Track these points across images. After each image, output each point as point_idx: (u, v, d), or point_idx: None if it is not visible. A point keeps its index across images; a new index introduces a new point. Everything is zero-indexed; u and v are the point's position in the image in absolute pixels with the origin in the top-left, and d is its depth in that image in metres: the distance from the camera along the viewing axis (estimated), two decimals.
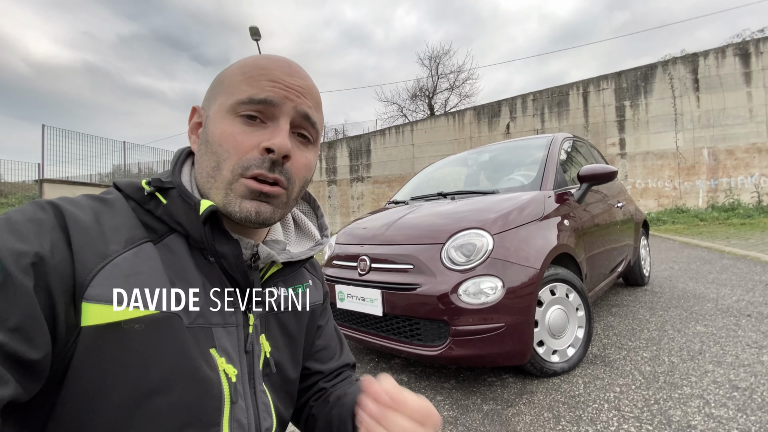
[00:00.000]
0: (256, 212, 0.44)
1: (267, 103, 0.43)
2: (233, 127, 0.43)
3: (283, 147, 0.42)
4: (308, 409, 0.60)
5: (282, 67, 0.45)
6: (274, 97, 0.43)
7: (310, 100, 0.47)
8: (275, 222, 0.47)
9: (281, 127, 0.44)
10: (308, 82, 0.47)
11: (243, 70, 0.45)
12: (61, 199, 0.39)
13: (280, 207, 0.46)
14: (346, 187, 13.62)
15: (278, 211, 0.46)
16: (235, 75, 0.45)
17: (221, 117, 0.44)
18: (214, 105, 0.45)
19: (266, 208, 0.44)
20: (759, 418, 1.25)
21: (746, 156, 9.37)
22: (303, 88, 0.46)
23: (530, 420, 1.34)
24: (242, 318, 0.47)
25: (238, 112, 0.43)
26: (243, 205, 0.43)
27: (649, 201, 10.11)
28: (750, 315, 2.29)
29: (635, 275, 3.20)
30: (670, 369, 1.66)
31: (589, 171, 2.15)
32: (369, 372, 1.88)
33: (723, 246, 5.03)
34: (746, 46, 9.40)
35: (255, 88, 0.43)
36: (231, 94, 0.44)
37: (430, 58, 19.71)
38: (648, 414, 1.32)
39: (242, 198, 0.43)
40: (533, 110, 11.25)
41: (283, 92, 0.44)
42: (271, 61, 0.46)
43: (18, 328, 0.30)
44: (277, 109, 0.44)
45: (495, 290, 1.47)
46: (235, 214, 0.43)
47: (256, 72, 0.44)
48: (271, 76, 0.44)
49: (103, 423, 0.35)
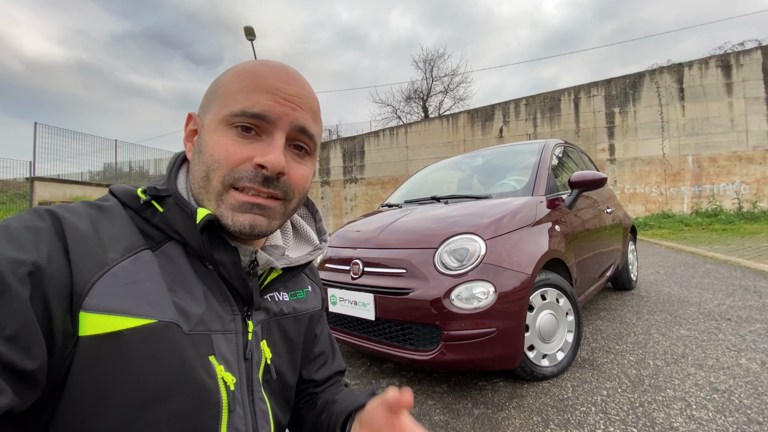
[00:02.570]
0: (251, 225, 0.43)
1: (261, 118, 0.42)
2: (226, 139, 0.42)
3: (277, 165, 0.42)
4: (296, 410, 0.61)
5: (279, 75, 0.44)
6: (268, 113, 0.42)
7: (308, 111, 0.45)
8: (273, 232, 0.47)
9: (276, 143, 0.43)
10: (306, 90, 0.46)
11: (239, 77, 0.44)
12: (59, 207, 0.39)
13: (276, 218, 0.46)
14: (340, 188, 13.59)
15: (275, 222, 0.46)
16: (231, 83, 0.44)
17: (215, 127, 0.43)
18: (209, 114, 0.44)
19: (261, 221, 0.44)
20: (736, 419, 1.30)
21: (728, 164, 9.67)
22: (300, 98, 0.44)
23: (520, 424, 1.36)
24: (241, 325, 0.47)
25: (232, 123, 0.42)
26: (236, 219, 0.43)
27: (637, 206, 10.34)
28: (730, 319, 2.36)
29: (623, 280, 3.28)
30: (654, 372, 1.70)
31: (580, 177, 2.20)
32: (360, 376, 1.89)
33: (706, 251, 5.18)
34: (728, 58, 9.71)
35: (250, 100, 0.42)
36: (225, 104, 0.43)
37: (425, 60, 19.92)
38: (633, 416, 1.36)
39: (234, 211, 0.43)
40: (526, 115, 11.41)
41: (279, 106, 0.43)
42: (269, 68, 0.44)
43: (14, 338, 0.30)
44: (272, 124, 0.43)
45: (487, 295, 1.50)
46: (229, 227, 0.43)
47: (252, 81, 0.43)
48: (267, 87, 0.43)
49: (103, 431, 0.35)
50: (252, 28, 9.48)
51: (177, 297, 0.40)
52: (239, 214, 0.42)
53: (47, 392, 0.34)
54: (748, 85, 9.52)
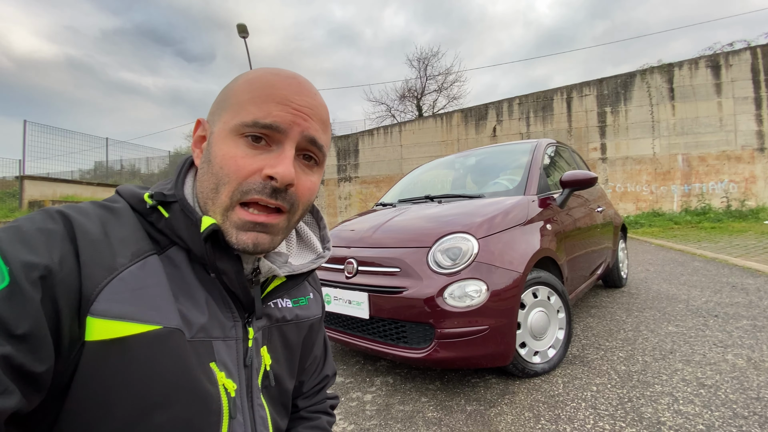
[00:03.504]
0: (254, 244, 0.43)
1: (273, 129, 0.42)
2: (236, 150, 0.42)
3: (287, 176, 0.41)
4: None
5: (291, 86, 0.44)
6: (280, 123, 0.42)
7: (318, 122, 0.45)
8: (275, 248, 0.47)
9: (286, 153, 0.42)
10: (317, 100, 0.46)
11: (251, 86, 0.43)
12: (69, 208, 0.39)
13: (279, 234, 0.45)
14: (334, 187, 13.55)
15: (277, 238, 0.46)
16: (242, 92, 0.43)
17: (224, 136, 0.43)
18: (219, 122, 0.44)
19: (264, 239, 0.44)
20: (722, 414, 1.33)
21: (717, 163, 9.83)
22: (311, 108, 0.44)
23: (511, 420, 1.38)
24: (242, 332, 0.47)
25: (243, 133, 0.42)
26: (240, 237, 0.42)
27: (628, 204, 10.47)
28: (717, 315, 2.41)
29: (614, 277, 3.32)
30: (643, 368, 1.73)
31: (571, 177, 2.22)
32: (354, 374, 1.89)
33: (695, 249, 5.27)
34: (717, 59, 9.86)
35: (262, 110, 0.42)
36: (236, 113, 0.42)
37: (419, 59, 19.82)
38: (622, 411, 1.39)
39: (238, 230, 0.42)
40: (519, 114, 11.47)
41: (290, 116, 0.42)
42: (280, 78, 0.44)
43: (25, 341, 0.30)
44: (283, 135, 0.43)
45: (479, 293, 1.51)
46: (232, 244, 0.43)
47: (263, 91, 0.43)
48: (279, 97, 0.42)
49: None
50: (245, 26, 9.39)
51: (180, 303, 0.41)
52: (243, 233, 0.42)
53: (52, 395, 0.34)
54: (737, 85, 9.68)
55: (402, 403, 1.56)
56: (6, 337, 0.30)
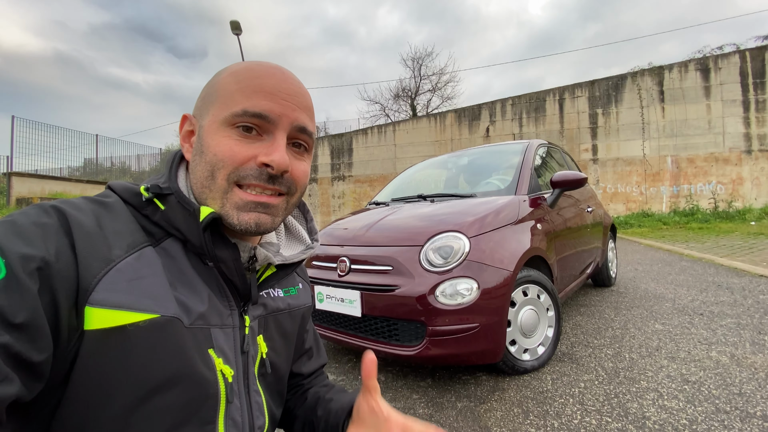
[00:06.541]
0: (256, 223, 0.44)
1: (263, 118, 0.43)
2: (229, 138, 0.43)
3: (282, 164, 0.43)
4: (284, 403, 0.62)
5: (275, 75, 0.45)
6: (270, 113, 0.43)
7: (305, 110, 0.47)
8: (275, 229, 0.49)
9: (279, 142, 0.44)
10: (301, 88, 0.48)
11: (237, 78, 0.44)
12: (63, 203, 0.40)
13: (279, 214, 0.47)
14: (327, 185, 13.51)
15: (278, 219, 0.47)
16: (229, 84, 0.44)
17: (216, 128, 0.44)
18: (208, 115, 0.45)
19: (266, 219, 0.45)
20: (705, 409, 1.37)
21: (705, 164, 10.03)
22: (298, 97, 0.46)
23: (501, 415, 1.40)
24: (239, 320, 0.48)
25: (234, 123, 0.43)
26: (241, 218, 0.44)
27: (619, 205, 10.62)
28: (702, 314, 2.47)
29: (603, 276, 3.38)
30: (629, 365, 1.77)
31: (561, 177, 2.26)
32: (346, 372, 1.90)
33: (682, 249, 5.37)
34: (706, 62, 10.04)
35: (250, 100, 0.43)
36: (225, 105, 0.44)
37: (413, 59, 19.91)
38: (608, 407, 1.42)
39: (239, 210, 0.44)
40: (512, 114, 11.56)
41: (279, 107, 0.44)
42: (264, 68, 0.45)
43: (23, 330, 0.31)
44: (273, 125, 0.44)
45: (471, 291, 1.53)
46: (234, 226, 0.44)
47: (251, 82, 0.44)
48: (267, 87, 0.44)
49: (104, 423, 0.36)
50: (238, 23, 9.31)
51: (178, 292, 0.42)
52: (244, 213, 0.44)
53: (52, 384, 0.35)
54: (726, 88, 9.88)
55: (394, 400, 1.57)
56: (5, 326, 0.30)
